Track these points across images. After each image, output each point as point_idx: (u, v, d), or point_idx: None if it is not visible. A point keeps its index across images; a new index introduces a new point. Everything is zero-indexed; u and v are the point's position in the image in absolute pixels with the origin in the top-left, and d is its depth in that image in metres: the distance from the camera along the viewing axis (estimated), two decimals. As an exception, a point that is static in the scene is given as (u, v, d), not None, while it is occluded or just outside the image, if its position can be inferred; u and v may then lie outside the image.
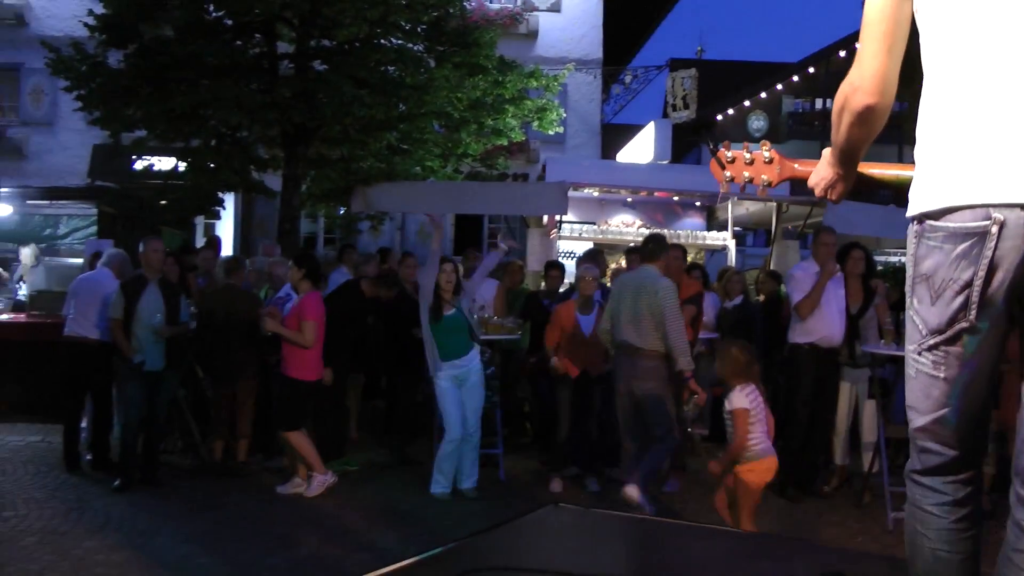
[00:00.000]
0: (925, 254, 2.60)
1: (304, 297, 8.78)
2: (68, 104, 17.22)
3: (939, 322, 2.61)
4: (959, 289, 2.52)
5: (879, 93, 2.63)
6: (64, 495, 8.62)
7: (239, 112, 12.49)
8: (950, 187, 2.50)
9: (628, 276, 8.86)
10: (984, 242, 2.43)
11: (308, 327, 8.54)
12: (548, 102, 14.95)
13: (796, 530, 7.99)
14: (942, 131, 2.53)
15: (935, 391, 2.69)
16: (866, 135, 2.75)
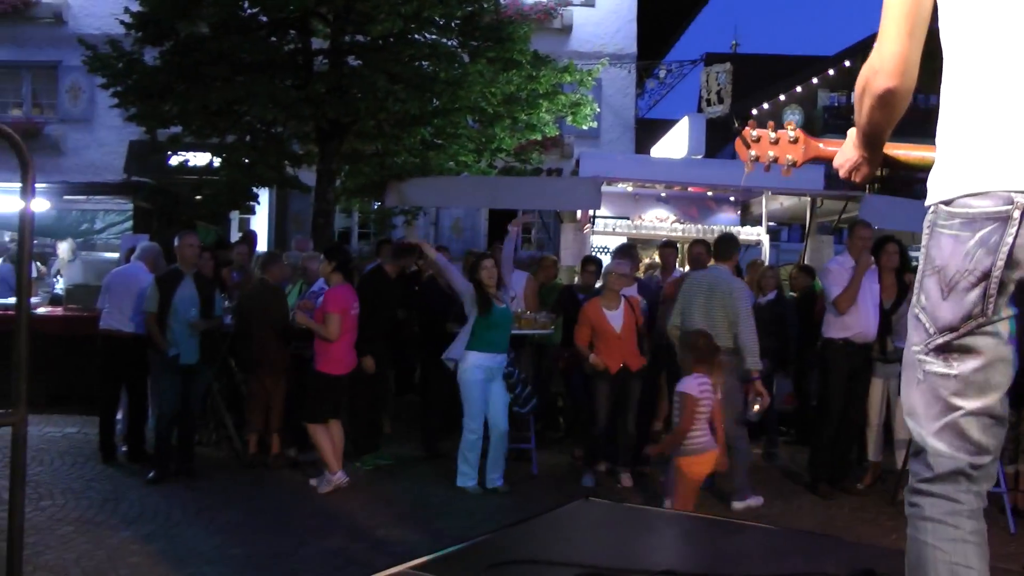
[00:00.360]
0: (939, 244, 2.47)
1: (328, 290, 8.80)
2: (105, 101, 17.38)
3: (952, 318, 2.44)
4: (975, 281, 2.38)
5: (900, 75, 2.54)
6: (100, 486, 8.69)
7: (274, 108, 12.54)
8: (970, 173, 2.39)
9: (701, 275, 9.00)
10: (1005, 228, 2.32)
11: (330, 320, 8.51)
12: (582, 97, 14.93)
13: (829, 527, 7.93)
14: (962, 117, 2.44)
15: (945, 392, 2.49)
16: (888, 118, 2.67)
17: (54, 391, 11.12)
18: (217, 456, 10.03)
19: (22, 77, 25.45)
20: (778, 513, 8.39)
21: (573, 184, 13.44)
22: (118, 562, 6.58)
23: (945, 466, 2.50)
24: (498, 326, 8.86)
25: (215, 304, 9.33)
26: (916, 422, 2.56)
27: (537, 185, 14.35)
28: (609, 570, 3.51)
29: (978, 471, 2.50)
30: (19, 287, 2.77)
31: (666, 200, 15.15)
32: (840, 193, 13.26)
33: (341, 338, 8.60)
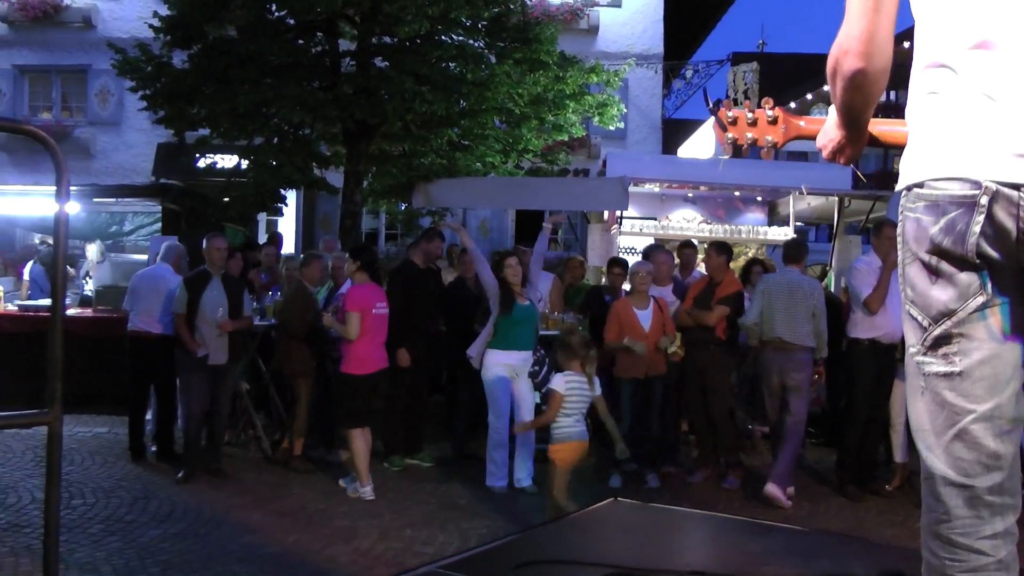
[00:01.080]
0: (904, 229, 2.30)
1: (350, 288, 8.80)
2: (134, 104, 17.51)
3: (946, 300, 2.23)
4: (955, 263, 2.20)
5: (868, 55, 2.33)
6: (130, 485, 8.76)
7: (301, 110, 12.60)
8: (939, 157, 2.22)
9: (776, 277, 9.45)
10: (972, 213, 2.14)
11: (350, 319, 8.41)
12: (609, 97, 14.92)
13: (857, 529, 7.92)
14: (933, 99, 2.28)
15: (950, 395, 2.23)
16: (863, 99, 2.48)
17: (84, 391, 11.20)
18: (245, 456, 10.10)
19: (52, 81, 25.65)
20: (806, 515, 8.37)
21: (600, 185, 13.43)
22: (148, 560, 6.64)
23: (956, 500, 2.24)
24: (520, 323, 8.88)
25: (243, 305, 9.38)
26: (923, 440, 2.32)
27: (564, 186, 14.37)
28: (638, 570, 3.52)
29: (996, 495, 2.22)
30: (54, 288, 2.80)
31: (693, 200, 15.12)
32: (868, 193, 13.19)
33: (364, 338, 8.48)
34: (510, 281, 8.82)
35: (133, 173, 23.67)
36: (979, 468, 2.22)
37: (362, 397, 8.54)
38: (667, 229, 14.26)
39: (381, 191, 15.85)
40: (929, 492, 2.31)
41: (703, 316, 9.30)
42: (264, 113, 13.21)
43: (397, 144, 14.70)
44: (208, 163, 20.28)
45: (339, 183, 14.40)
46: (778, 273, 9.80)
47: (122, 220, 15.96)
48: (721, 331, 9.27)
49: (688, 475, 9.66)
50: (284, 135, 13.91)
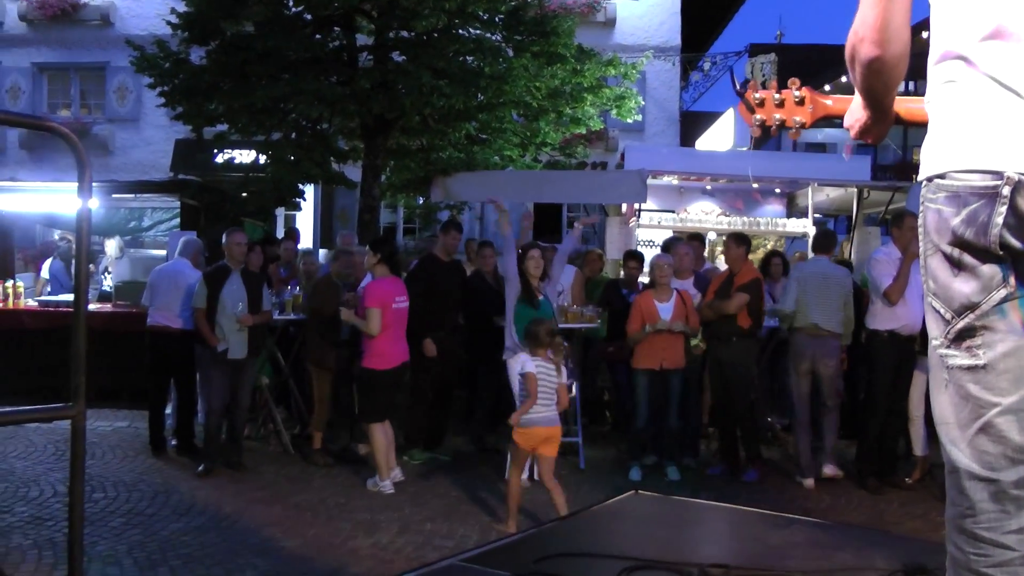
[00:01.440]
0: (926, 219, 2.26)
1: (369, 283, 8.79)
2: (152, 100, 17.55)
3: (968, 292, 2.18)
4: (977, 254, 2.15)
5: (883, 42, 2.30)
6: (150, 479, 8.82)
7: (319, 105, 12.60)
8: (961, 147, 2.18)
9: (809, 266, 9.72)
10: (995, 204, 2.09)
11: (370, 315, 8.42)
12: (627, 90, 14.87)
13: (878, 522, 7.89)
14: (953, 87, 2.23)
15: (974, 388, 2.18)
16: (883, 85, 2.45)
17: (104, 386, 11.25)
18: (265, 450, 10.13)
19: (71, 78, 25.75)
20: (826, 508, 8.38)
21: (618, 177, 13.41)
22: (169, 553, 6.68)
23: (981, 494, 2.18)
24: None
25: (263, 299, 9.42)
26: (947, 433, 2.26)
27: (582, 179, 14.37)
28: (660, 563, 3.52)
29: (1021, 489, 2.15)
30: (78, 283, 2.82)
31: (711, 193, 15.09)
32: (887, 184, 13.13)
33: (384, 332, 8.49)
34: (530, 273, 8.76)
35: (151, 169, 23.74)
36: (1004, 462, 2.16)
37: (384, 392, 8.57)
38: (685, 222, 14.23)
39: (399, 185, 15.86)
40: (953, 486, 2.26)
41: (723, 305, 9.29)
42: (282, 108, 13.23)
43: (415, 138, 14.70)
44: (226, 159, 20.30)
45: (357, 177, 14.41)
46: (811, 262, 9.97)
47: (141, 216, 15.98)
48: (743, 321, 9.25)
49: (708, 468, 9.66)
50: (302, 130, 13.93)
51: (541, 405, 7.32)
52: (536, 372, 7.32)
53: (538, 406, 7.30)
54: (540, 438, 7.39)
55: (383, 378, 8.58)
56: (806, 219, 13.96)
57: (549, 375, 7.38)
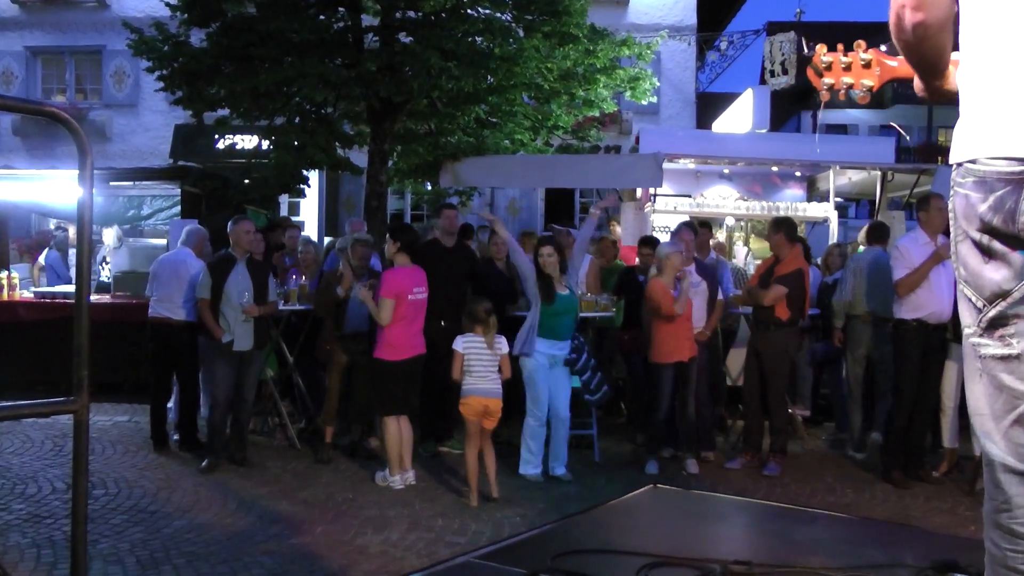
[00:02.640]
0: (954, 204, 2.26)
1: (386, 272, 8.77)
2: (150, 85, 17.56)
3: (999, 280, 2.17)
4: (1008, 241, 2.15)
5: (926, 6, 2.30)
6: (153, 474, 8.85)
7: (324, 88, 12.57)
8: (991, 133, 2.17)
9: (865, 256, 10.32)
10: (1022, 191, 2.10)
11: (383, 304, 8.42)
12: (641, 71, 14.83)
13: (904, 517, 7.87)
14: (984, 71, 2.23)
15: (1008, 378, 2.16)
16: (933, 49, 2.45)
17: (104, 379, 11.26)
18: (271, 444, 10.15)
19: (66, 63, 25.79)
20: (849, 502, 8.37)
21: (633, 161, 13.35)
22: (173, 551, 6.69)
23: (1017, 488, 2.18)
24: (561, 314, 8.86)
25: (269, 289, 9.41)
26: (981, 425, 2.26)
27: (595, 163, 14.30)
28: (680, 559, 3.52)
29: None
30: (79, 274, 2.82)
31: (729, 177, 15.05)
32: (912, 166, 13.07)
33: (398, 324, 8.49)
34: (547, 270, 8.80)
35: (151, 156, 23.78)
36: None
37: (394, 383, 8.55)
38: (702, 206, 14.19)
39: (407, 171, 15.83)
40: (990, 480, 2.25)
41: (759, 295, 9.28)
42: (285, 92, 13.20)
43: (423, 122, 14.67)
44: (228, 144, 20.34)
45: (363, 163, 14.37)
46: (866, 252, 10.42)
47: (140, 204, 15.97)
48: (780, 312, 9.23)
49: (727, 461, 9.64)
50: (306, 114, 13.90)
51: (477, 376, 8.19)
52: (464, 349, 8.20)
53: (473, 377, 8.18)
54: (479, 408, 8.17)
55: (393, 369, 8.56)
56: (827, 203, 13.91)
57: (480, 348, 8.21)
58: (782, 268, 9.31)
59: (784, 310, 9.25)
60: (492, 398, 8.24)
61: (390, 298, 8.43)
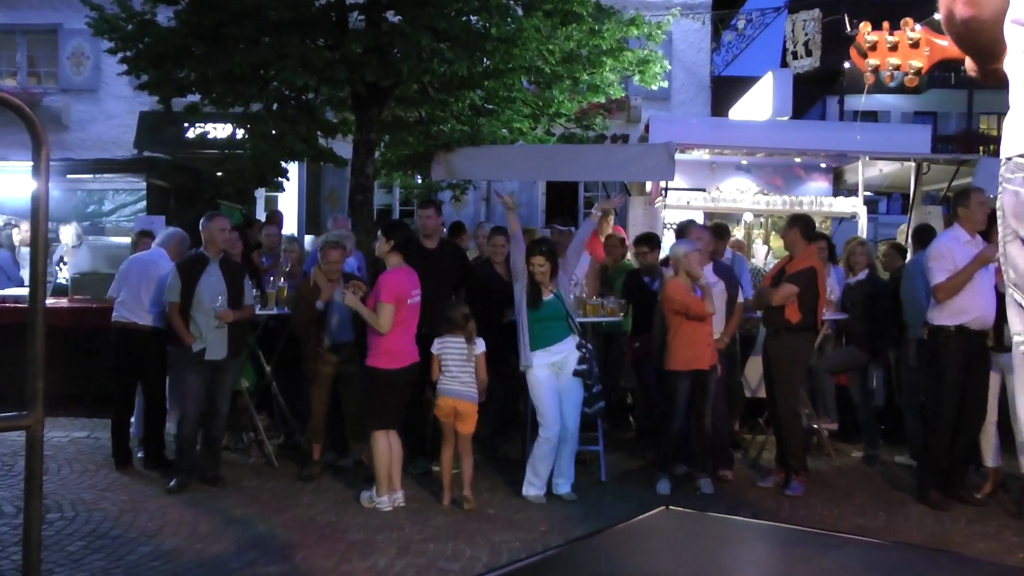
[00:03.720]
0: (1003, 201, 2.27)
1: (383, 274, 8.64)
2: (112, 68, 17.56)
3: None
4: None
5: (978, 3, 2.37)
6: (114, 496, 8.80)
7: (305, 72, 12.53)
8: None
9: (914, 261, 10.43)
10: None
11: (383, 310, 8.33)
12: (651, 53, 14.83)
13: (943, 542, 7.85)
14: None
15: None
16: (989, 40, 2.46)
17: (60, 391, 11.22)
18: (246, 462, 10.13)
19: (17, 43, 25.76)
20: (882, 525, 8.35)
21: (642, 152, 13.36)
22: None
23: None
24: (547, 318, 8.91)
25: (245, 292, 9.38)
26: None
27: (601, 154, 14.30)
28: (695, 588, 3.50)
29: None
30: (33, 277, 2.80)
31: (747, 169, 15.06)
32: (951, 157, 13.07)
33: (396, 329, 8.41)
34: (536, 276, 8.87)
35: (113, 146, 23.79)
36: None
37: (390, 394, 8.51)
38: (718, 201, 14.21)
39: (395, 162, 15.84)
40: None
41: (768, 295, 9.26)
42: (262, 76, 13.18)
43: (413, 109, 14.68)
44: (199, 133, 20.30)
45: (348, 154, 14.36)
46: (918, 256, 10.34)
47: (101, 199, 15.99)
48: (790, 314, 9.20)
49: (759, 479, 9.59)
50: (285, 100, 13.89)
51: (449, 377, 8.70)
52: (440, 351, 8.74)
53: (445, 377, 8.71)
54: (448, 410, 8.68)
55: (390, 379, 8.50)
56: (855, 197, 13.93)
57: (458, 351, 8.70)
58: (793, 266, 9.28)
59: (795, 312, 9.20)
60: (463, 400, 8.67)
61: (391, 303, 8.34)
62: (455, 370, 8.68)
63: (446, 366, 8.71)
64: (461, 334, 8.71)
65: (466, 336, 8.73)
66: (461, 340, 8.71)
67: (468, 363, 8.71)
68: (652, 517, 4.76)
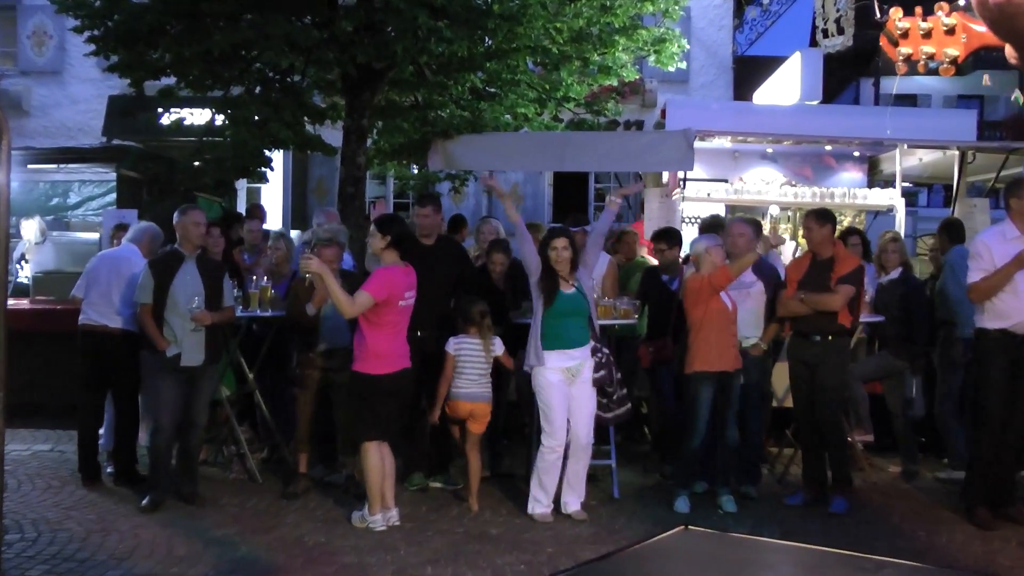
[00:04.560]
0: None
1: (376, 271, 8.54)
2: (78, 48, 17.52)
3: None
4: None
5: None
6: (81, 515, 8.81)
7: (290, 52, 12.50)
8: None
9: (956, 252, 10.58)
10: None
11: (361, 297, 8.19)
12: (667, 31, 14.82)
13: (990, 564, 7.84)
14: None
15: None
16: None
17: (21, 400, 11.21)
18: (226, 477, 10.14)
19: (-30, 21, 25.76)
20: (922, 547, 8.32)
21: (658, 140, 13.37)
22: (108, 608, 6.69)
23: None
24: (568, 315, 8.81)
25: (224, 293, 9.36)
26: None
27: (613, 142, 14.29)
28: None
29: None
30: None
31: (773, 158, 15.07)
32: (999, 145, 13.04)
33: (386, 331, 8.37)
34: (555, 268, 8.78)
35: (79, 133, 23.82)
36: None
37: (381, 402, 8.49)
38: (741, 193, 14.20)
39: (389, 151, 15.81)
40: None
41: (824, 300, 9.23)
42: (244, 56, 13.15)
43: (408, 93, 14.65)
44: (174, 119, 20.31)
45: (337, 142, 14.34)
46: (958, 248, 10.59)
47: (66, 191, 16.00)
48: (843, 318, 9.26)
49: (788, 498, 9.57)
50: (269, 83, 13.86)
51: (467, 380, 9.15)
52: (456, 351, 9.18)
53: (463, 380, 9.15)
54: (464, 413, 9.19)
55: (381, 385, 8.47)
56: (892, 189, 13.91)
57: (475, 352, 9.17)
58: (842, 267, 9.26)
59: (847, 316, 9.26)
60: (480, 402, 9.23)
61: (376, 297, 8.23)
62: (471, 372, 9.15)
63: (461, 368, 9.14)
64: (478, 333, 9.16)
65: (483, 335, 9.17)
66: (478, 340, 9.17)
67: (484, 363, 9.18)
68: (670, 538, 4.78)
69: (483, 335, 9.17)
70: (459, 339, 9.18)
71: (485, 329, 9.18)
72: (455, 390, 9.13)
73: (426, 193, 11.66)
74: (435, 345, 9.52)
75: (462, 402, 9.14)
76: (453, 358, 9.13)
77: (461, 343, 9.16)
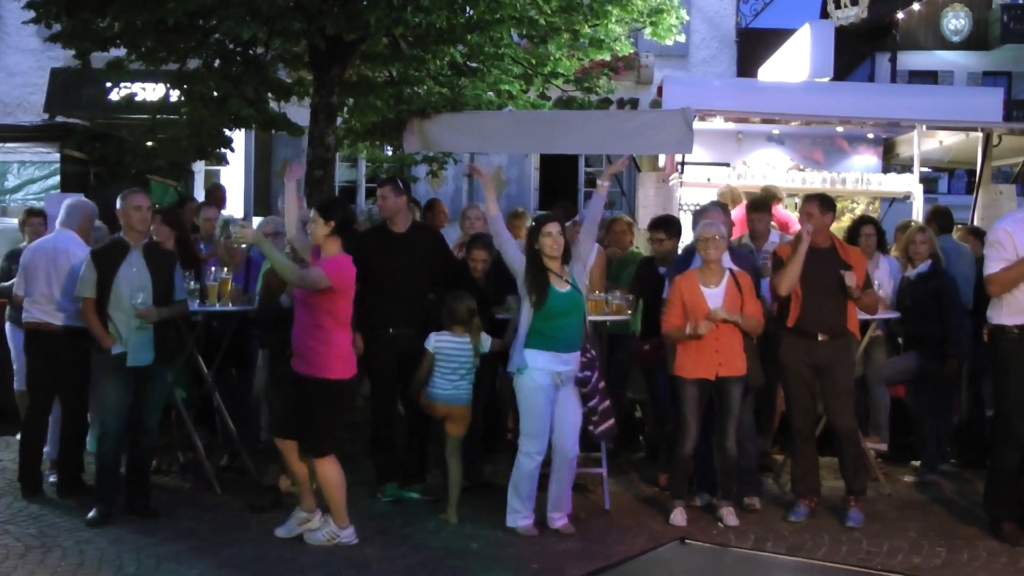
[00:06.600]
0: None
1: (325, 260, 8.29)
2: (16, 16, 17.50)
3: None
4: None
5: None
6: (21, 529, 8.78)
7: (252, 22, 12.45)
8: None
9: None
10: None
11: (314, 271, 8.13)
12: (665, 1, 14.84)
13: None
14: None
15: None
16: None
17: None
18: (182, 487, 10.12)
19: None
20: (941, 563, 8.34)
21: (655, 120, 13.39)
22: (51, 632, 6.69)
23: None
24: (563, 314, 8.72)
25: (175, 286, 9.31)
26: None
27: (606, 122, 14.29)
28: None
29: None
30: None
31: (779, 139, 15.11)
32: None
33: (344, 329, 8.34)
34: (547, 255, 8.68)
35: (17, 109, 23.78)
36: None
37: (348, 409, 8.54)
38: (744, 178, 14.21)
39: (361, 131, 15.81)
40: None
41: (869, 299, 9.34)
42: (202, 27, 13.12)
43: (382, 68, 14.65)
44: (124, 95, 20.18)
45: (304, 121, 14.34)
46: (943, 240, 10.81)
47: (4, 173, 15.97)
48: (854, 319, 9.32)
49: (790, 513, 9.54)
50: (229, 56, 13.80)
51: (446, 380, 9.20)
52: (434, 349, 9.20)
53: (441, 380, 9.20)
54: (440, 414, 9.32)
55: (352, 389, 8.60)
56: (910, 175, 13.94)
57: (457, 351, 9.22)
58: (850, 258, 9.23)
59: (855, 316, 9.29)
60: (457, 405, 9.28)
61: (330, 278, 8.09)
62: (450, 373, 9.21)
63: (440, 367, 9.18)
64: (465, 332, 9.21)
65: (472, 335, 9.24)
66: (463, 339, 9.21)
67: (467, 364, 9.26)
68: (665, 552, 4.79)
69: (472, 335, 9.24)
70: (440, 335, 9.21)
71: (475, 329, 9.26)
72: (432, 390, 9.20)
73: (389, 177, 11.49)
74: (410, 344, 9.51)
75: (438, 404, 9.23)
76: (432, 356, 9.15)
77: (442, 339, 9.20)
